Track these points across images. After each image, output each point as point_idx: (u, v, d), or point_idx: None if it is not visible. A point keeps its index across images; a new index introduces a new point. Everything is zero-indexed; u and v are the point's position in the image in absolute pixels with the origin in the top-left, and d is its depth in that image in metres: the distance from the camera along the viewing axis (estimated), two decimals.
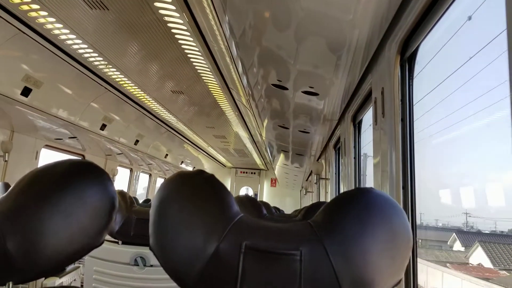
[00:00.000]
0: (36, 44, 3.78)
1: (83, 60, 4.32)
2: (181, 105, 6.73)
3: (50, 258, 0.87)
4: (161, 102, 6.27)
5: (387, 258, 0.83)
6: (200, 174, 0.94)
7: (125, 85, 5.28)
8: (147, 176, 10.68)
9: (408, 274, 1.76)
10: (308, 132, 5.14)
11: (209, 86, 5.65)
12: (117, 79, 5.05)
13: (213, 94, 6.02)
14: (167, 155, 9.99)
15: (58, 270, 0.96)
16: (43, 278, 3.74)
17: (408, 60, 1.85)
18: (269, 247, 0.82)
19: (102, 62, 4.47)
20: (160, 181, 11.19)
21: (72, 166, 0.96)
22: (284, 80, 3.18)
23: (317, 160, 6.72)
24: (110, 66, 4.59)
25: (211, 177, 0.93)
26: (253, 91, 4.06)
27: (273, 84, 3.34)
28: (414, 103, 1.86)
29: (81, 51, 4.11)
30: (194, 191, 0.91)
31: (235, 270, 0.80)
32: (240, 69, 3.61)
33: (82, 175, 0.94)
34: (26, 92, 4.19)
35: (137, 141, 7.65)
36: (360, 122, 3.41)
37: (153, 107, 6.49)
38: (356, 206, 0.86)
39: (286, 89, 3.33)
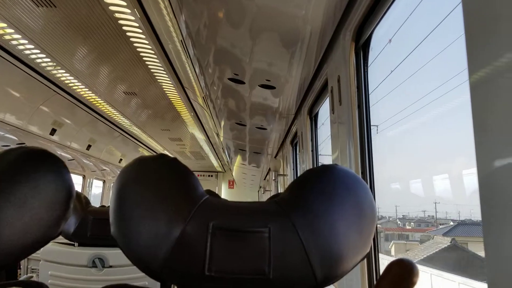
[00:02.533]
0: None
1: (30, 61, 4.14)
2: (135, 108, 6.59)
3: (3, 251, 0.83)
4: (114, 105, 6.11)
5: (355, 231, 0.84)
6: (161, 157, 0.91)
7: (74, 87, 5.10)
8: (101, 183, 10.34)
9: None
10: (265, 129, 5.18)
11: (164, 88, 5.57)
12: (67, 81, 4.87)
13: (168, 95, 5.94)
14: (121, 160, 9.74)
15: (14, 263, 0.92)
16: None
17: (362, 47, 1.92)
18: (236, 225, 0.81)
19: (50, 64, 4.30)
20: None
21: (25, 154, 0.91)
22: (241, 75, 3.19)
23: (275, 157, 6.79)
24: (59, 68, 4.43)
25: (174, 160, 0.90)
26: (210, 90, 4.05)
27: (229, 79, 3.35)
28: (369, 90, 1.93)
29: (27, 52, 3.94)
30: (156, 174, 0.88)
31: (203, 251, 0.79)
32: (196, 68, 3.59)
33: (36, 163, 0.90)
34: None
35: (89, 146, 7.41)
36: (316, 116, 3.49)
37: (106, 111, 6.31)
38: (321, 181, 0.87)
39: (243, 83, 3.35)
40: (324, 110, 3.30)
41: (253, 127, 5.22)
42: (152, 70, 4.85)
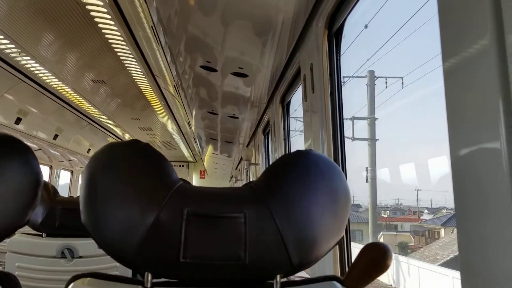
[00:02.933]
0: None
1: None
2: (104, 97, 6.44)
3: None
4: (81, 93, 5.95)
5: (329, 216, 0.85)
6: (134, 143, 0.89)
7: (40, 75, 4.94)
8: (69, 173, 10.10)
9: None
10: (237, 118, 5.18)
11: (134, 76, 5.46)
12: (32, 69, 4.71)
13: (138, 84, 5.83)
14: (89, 150, 9.54)
15: None
16: None
17: (335, 35, 1.94)
18: (212, 211, 0.80)
19: (15, 50, 4.14)
20: None
21: None
22: (213, 62, 3.17)
23: (247, 146, 6.80)
24: (24, 55, 4.27)
25: (146, 145, 0.89)
26: (182, 78, 4.00)
27: (201, 66, 3.31)
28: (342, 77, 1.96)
29: None
30: (128, 160, 0.86)
31: (178, 238, 0.78)
32: (167, 56, 3.53)
33: (2, 149, 0.86)
34: None
35: (56, 135, 7.21)
36: (288, 104, 3.51)
37: (73, 99, 6.14)
38: (297, 167, 0.87)
39: (215, 71, 3.32)
40: (296, 99, 3.32)
41: (225, 116, 5.21)
42: (121, 58, 4.73)
